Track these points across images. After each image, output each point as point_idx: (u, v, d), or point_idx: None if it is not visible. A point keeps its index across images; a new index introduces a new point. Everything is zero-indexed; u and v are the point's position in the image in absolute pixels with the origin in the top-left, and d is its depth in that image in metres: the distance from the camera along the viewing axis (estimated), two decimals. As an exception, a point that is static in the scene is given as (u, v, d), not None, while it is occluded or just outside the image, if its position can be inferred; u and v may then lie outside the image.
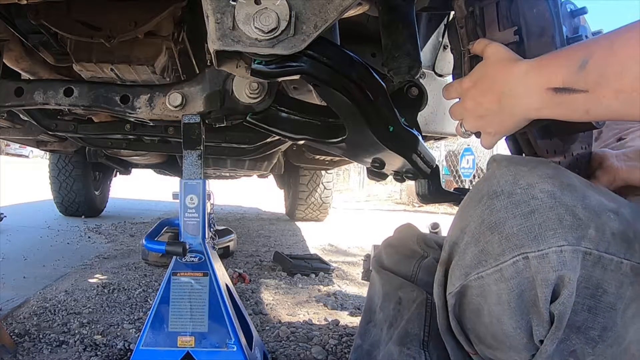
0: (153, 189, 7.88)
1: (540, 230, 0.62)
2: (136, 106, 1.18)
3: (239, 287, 2.35)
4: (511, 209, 0.64)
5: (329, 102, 0.97)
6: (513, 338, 0.67)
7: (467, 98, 0.74)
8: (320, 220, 5.66)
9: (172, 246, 1.10)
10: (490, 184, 0.68)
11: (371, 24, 1.36)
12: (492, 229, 0.65)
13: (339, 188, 12.38)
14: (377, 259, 1.13)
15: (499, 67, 0.70)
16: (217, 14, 0.69)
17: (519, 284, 0.64)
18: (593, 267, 0.62)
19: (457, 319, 0.76)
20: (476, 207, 0.68)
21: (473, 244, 0.68)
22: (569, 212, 0.62)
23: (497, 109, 0.70)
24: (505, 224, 0.64)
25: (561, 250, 0.60)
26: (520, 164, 0.68)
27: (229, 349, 1.08)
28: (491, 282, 0.66)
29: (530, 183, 0.64)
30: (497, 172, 0.69)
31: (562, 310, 0.61)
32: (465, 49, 0.76)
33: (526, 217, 0.63)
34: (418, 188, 1.26)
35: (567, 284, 0.60)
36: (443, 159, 9.97)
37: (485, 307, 0.69)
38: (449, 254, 0.74)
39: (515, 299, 0.64)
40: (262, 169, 3.34)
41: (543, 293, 0.61)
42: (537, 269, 0.61)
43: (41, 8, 1.22)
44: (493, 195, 0.66)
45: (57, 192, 4.57)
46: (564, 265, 0.60)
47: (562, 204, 0.62)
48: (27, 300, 1.97)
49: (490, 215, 0.66)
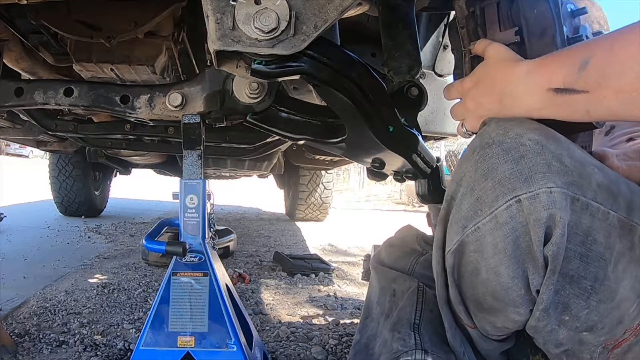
0: (153, 189, 7.89)
1: (530, 173, 0.64)
2: (136, 106, 1.18)
3: (239, 287, 2.35)
4: (502, 155, 0.66)
5: (329, 102, 0.97)
6: (511, 290, 0.69)
7: (468, 98, 0.75)
8: (320, 220, 5.66)
9: (172, 246, 1.10)
10: (482, 138, 0.70)
11: (371, 24, 1.36)
12: (486, 175, 0.68)
13: (339, 188, 12.38)
14: (377, 258, 1.14)
15: (499, 67, 0.71)
16: (217, 14, 0.69)
17: (514, 229, 0.66)
18: (582, 213, 0.64)
19: (456, 283, 0.77)
20: (470, 159, 0.71)
21: (469, 194, 0.70)
22: (555, 158, 0.64)
23: (498, 109, 0.71)
24: (498, 169, 0.66)
25: (551, 191, 0.62)
26: (508, 120, 0.70)
27: (229, 349, 1.08)
28: (487, 232, 0.68)
29: (519, 133, 0.66)
30: (487, 128, 0.71)
31: (556, 251, 0.63)
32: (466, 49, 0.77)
33: (516, 161, 0.65)
34: (418, 188, 1.26)
35: (558, 223, 0.62)
36: (443, 159, 9.98)
37: (482, 262, 0.71)
38: (447, 210, 0.76)
39: (510, 246, 0.66)
40: (262, 169, 3.34)
41: (536, 234, 0.63)
42: (529, 210, 0.63)
43: (41, 8, 1.22)
44: (485, 146, 0.69)
45: (57, 192, 4.57)
46: (554, 204, 0.62)
47: (549, 151, 0.64)
48: (27, 300, 1.97)
49: (482, 163, 0.68)
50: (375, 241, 1.82)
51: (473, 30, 0.76)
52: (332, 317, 1.97)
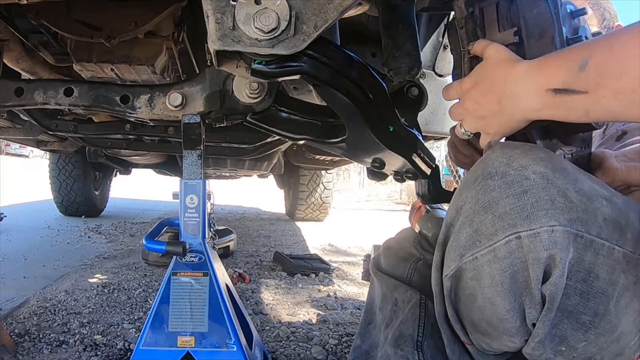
0: (153, 189, 7.88)
1: (532, 209, 0.62)
2: (136, 106, 1.18)
3: (239, 287, 2.35)
4: (504, 189, 0.65)
5: (329, 102, 0.97)
6: (506, 321, 0.68)
7: (467, 99, 0.75)
8: (320, 220, 5.66)
9: (172, 246, 1.10)
10: (484, 166, 0.69)
11: (371, 24, 1.36)
12: (486, 208, 0.66)
13: (339, 188, 12.38)
14: (375, 262, 1.14)
15: (499, 67, 0.70)
16: (217, 14, 0.69)
17: (512, 264, 0.65)
18: (585, 250, 0.63)
19: (454, 305, 0.77)
20: (471, 188, 0.70)
21: (467, 224, 0.69)
22: (560, 193, 0.63)
23: (497, 109, 0.71)
24: (499, 204, 0.65)
25: (552, 230, 0.61)
26: (514, 148, 0.69)
27: (229, 349, 1.08)
28: (485, 263, 0.67)
29: (524, 165, 0.65)
30: (491, 155, 0.70)
31: (554, 290, 0.62)
32: (465, 50, 0.76)
33: (519, 197, 0.64)
34: (418, 188, 1.26)
35: (559, 264, 0.61)
36: (443, 159, 9.97)
37: (479, 290, 0.70)
38: (445, 235, 0.76)
39: (508, 280, 0.65)
40: (262, 169, 3.34)
41: (535, 272, 0.62)
42: (529, 248, 0.62)
43: (41, 8, 1.21)
44: (487, 176, 0.68)
45: (57, 192, 4.57)
46: (555, 244, 0.61)
47: (554, 186, 0.63)
48: (27, 300, 1.97)
49: (484, 195, 0.67)
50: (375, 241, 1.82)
51: (472, 30, 0.76)
52: (332, 317, 1.97)
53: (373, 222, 6.37)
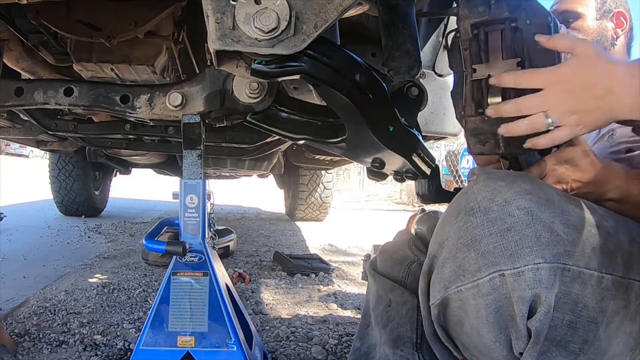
0: (153, 189, 7.88)
1: (516, 247, 0.62)
2: (136, 106, 1.18)
3: (239, 287, 2.35)
4: (487, 226, 0.64)
5: (329, 102, 0.97)
6: (493, 350, 0.68)
7: (558, 91, 0.70)
8: (320, 220, 5.66)
9: (172, 246, 1.10)
10: (467, 200, 0.68)
11: (371, 24, 1.36)
12: (469, 246, 0.66)
13: (339, 188, 12.38)
14: (372, 264, 1.16)
15: (599, 64, 0.69)
16: (217, 14, 0.69)
17: (496, 300, 0.64)
18: (572, 282, 0.62)
19: (442, 327, 0.76)
20: (453, 223, 0.69)
21: (451, 260, 0.69)
22: (546, 228, 0.62)
23: (596, 105, 0.68)
24: (482, 242, 0.64)
25: (537, 268, 0.60)
26: (498, 179, 0.68)
27: (229, 349, 1.08)
28: (469, 297, 0.67)
29: (507, 200, 0.64)
30: (474, 187, 0.69)
31: (539, 326, 0.61)
32: (468, 71, 0.76)
33: (502, 234, 0.63)
34: (418, 188, 1.26)
35: (544, 302, 0.61)
36: (443, 159, 9.97)
37: (466, 319, 0.70)
38: (429, 266, 0.75)
39: (493, 314, 0.65)
40: (262, 168, 3.34)
41: (520, 310, 0.62)
42: (513, 286, 0.62)
43: (41, 8, 1.21)
44: (470, 212, 0.67)
45: (57, 192, 4.56)
46: (539, 283, 0.60)
47: (539, 221, 0.62)
48: (27, 300, 1.97)
49: (466, 232, 0.66)
50: (375, 241, 1.82)
51: (476, 53, 0.76)
52: (332, 317, 1.97)
53: (373, 222, 6.37)
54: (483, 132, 0.75)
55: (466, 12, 0.77)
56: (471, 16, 0.76)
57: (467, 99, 0.77)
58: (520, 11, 0.73)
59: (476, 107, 0.76)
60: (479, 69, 0.75)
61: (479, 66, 0.75)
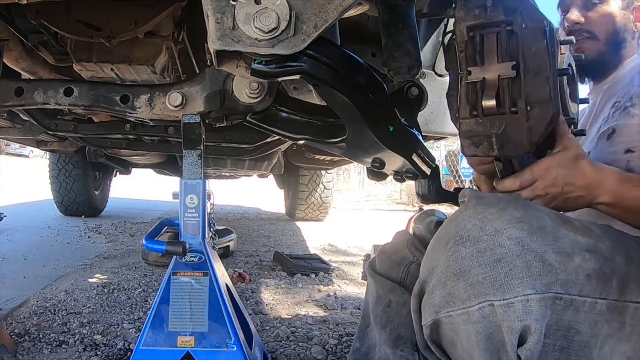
0: (153, 189, 7.88)
1: (506, 279, 0.61)
2: (136, 106, 1.18)
3: (239, 287, 2.35)
4: (477, 257, 0.64)
5: (329, 102, 0.97)
6: None
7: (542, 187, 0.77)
8: (320, 220, 5.66)
9: (172, 246, 1.10)
10: (457, 227, 0.68)
11: (371, 24, 1.36)
12: (458, 275, 0.65)
13: (339, 188, 12.37)
14: (371, 264, 1.16)
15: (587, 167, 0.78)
16: (217, 14, 0.69)
17: (486, 327, 0.64)
18: (564, 310, 0.62)
19: (435, 342, 0.77)
20: (443, 251, 0.68)
21: (440, 287, 0.68)
22: (537, 258, 0.62)
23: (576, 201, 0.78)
24: (471, 272, 0.64)
25: (527, 299, 0.60)
26: (489, 205, 0.67)
27: (229, 349, 1.08)
28: (460, 322, 0.67)
29: (498, 229, 0.64)
30: (464, 213, 0.68)
31: (529, 355, 0.61)
32: (464, 73, 0.77)
33: (492, 265, 0.63)
34: (418, 188, 1.26)
35: (534, 332, 0.60)
36: (443, 159, 9.97)
37: (458, 341, 0.70)
38: (419, 290, 0.75)
39: (483, 340, 0.65)
40: (262, 168, 3.34)
41: (510, 339, 0.61)
42: (502, 316, 0.61)
43: (41, 8, 1.21)
44: (459, 241, 0.66)
45: (57, 192, 4.56)
46: (529, 314, 0.60)
47: (530, 251, 0.62)
48: (27, 300, 1.97)
49: (455, 262, 0.66)
50: (375, 241, 1.82)
51: (471, 56, 0.76)
52: (332, 317, 1.97)
53: (373, 222, 6.37)
54: (477, 135, 0.75)
55: (462, 15, 0.77)
56: (467, 18, 0.76)
57: (461, 101, 0.77)
58: (516, 15, 0.73)
59: (470, 109, 0.76)
60: (474, 72, 0.75)
61: (474, 69, 0.75)
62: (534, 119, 0.71)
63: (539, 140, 0.72)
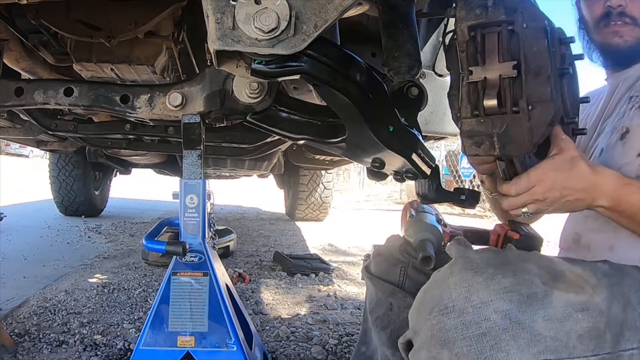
0: (153, 189, 7.88)
1: (491, 352, 0.61)
2: (136, 106, 1.18)
3: (239, 287, 2.35)
4: (461, 329, 0.63)
5: (329, 102, 0.97)
6: None
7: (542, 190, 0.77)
8: (320, 220, 5.66)
9: (172, 246, 1.10)
10: (441, 296, 0.67)
11: (371, 24, 1.36)
12: (442, 345, 0.65)
13: (339, 188, 12.37)
14: (367, 267, 1.17)
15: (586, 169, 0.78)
16: (217, 14, 0.69)
17: None
18: None
19: None
20: (427, 319, 0.67)
21: (425, 350, 0.68)
22: (525, 330, 0.61)
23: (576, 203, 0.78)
24: (455, 344, 0.63)
25: None
26: (476, 274, 0.66)
27: (229, 349, 1.08)
28: None
29: (484, 301, 0.63)
30: (450, 280, 0.67)
31: None
32: (465, 73, 0.76)
33: (477, 339, 0.62)
34: (418, 188, 1.26)
35: None
36: (443, 159, 9.97)
37: None
38: (409, 338, 0.74)
39: None
40: (262, 168, 3.34)
41: None
42: None
43: (41, 8, 1.21)
44: (444, 311, 0.65)
45: (57, 192, 4.57)
46: None
47: (517, 323, 0.61)
48: (27, 300, 1.97)
49: (439, 332, 0.65)
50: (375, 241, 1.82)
51: (472, 55, 0.76)
52: (332, 317, 1.97)
53: (373, 222, 6.37)
54: (478, 134, 0.75)
55: (463, 14, 0.77)
56: (468, 18, 0.76)
57: (463, 100, 0.77)
58: (517, 14, 0.73)
59: (472, 109, 0.75)
60: (475, 71, 0.75)
61: (475, 68, 0.75)
62: (535, 119, 0.71)
63: (540, 140, 0.72)
